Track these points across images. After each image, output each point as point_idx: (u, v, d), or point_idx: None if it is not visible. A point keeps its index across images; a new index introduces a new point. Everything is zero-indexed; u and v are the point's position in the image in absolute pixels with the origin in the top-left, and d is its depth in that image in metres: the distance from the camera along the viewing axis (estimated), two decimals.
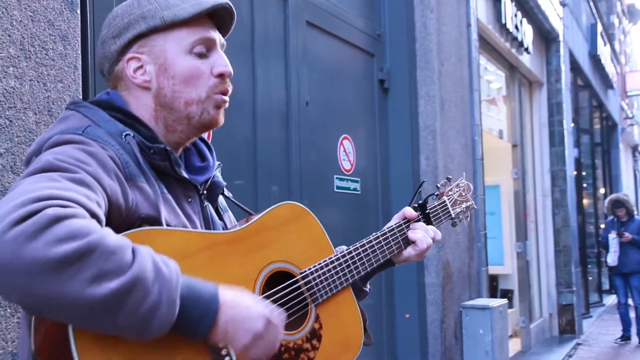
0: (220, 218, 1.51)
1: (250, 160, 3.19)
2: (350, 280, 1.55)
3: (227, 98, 1.41)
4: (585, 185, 12.82)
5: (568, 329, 9.18)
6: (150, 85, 1.36)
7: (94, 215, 1.06)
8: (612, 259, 9.12)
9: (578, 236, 10.31)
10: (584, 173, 12.60)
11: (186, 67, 1.35)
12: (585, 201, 12.77)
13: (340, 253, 1.56)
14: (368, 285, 1.74)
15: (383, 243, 1.66)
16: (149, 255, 1.06)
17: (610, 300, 13.08)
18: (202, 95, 1.36)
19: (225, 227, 1.50)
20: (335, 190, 3.90)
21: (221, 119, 1.41)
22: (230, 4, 1.42)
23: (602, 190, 15.25)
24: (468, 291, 5.10)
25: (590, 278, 12.41)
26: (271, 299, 1.36)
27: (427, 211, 1.79)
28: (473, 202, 1.97)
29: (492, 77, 8.28)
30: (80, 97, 2.00)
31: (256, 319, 1.18)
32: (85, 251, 0.97)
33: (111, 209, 1.16)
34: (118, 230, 1.12)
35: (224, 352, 1.18)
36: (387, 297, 4.43)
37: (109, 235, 1.02)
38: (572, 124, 10.60)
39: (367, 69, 4.40)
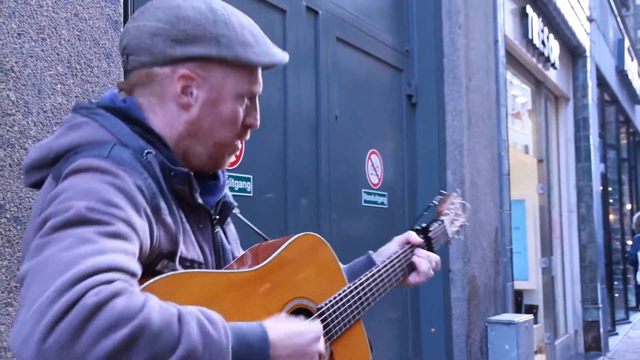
0: (226, 236, 1.47)
1: (280, 173, 3.24)
2: (362, 313, 1.56)
3: (240, 145, 1.39)
4: (611, 200, 12.70)
5: (594, 346, 9.08)
6: (190, 110, 1.28)
7: (133, 274, 1.02)
8: None
9: (604, 252, 10.21)
10: (610, 189, 12.48)
11: (232, 110, 1.30)
12: (611, 217, 12.64)
13: (353, 285, 1.56)
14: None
15: (391, 271, 1.68)
16: (194, 320, 1.01)
17: (637, 317, 12.90)
18: (228, 140, 1.33)
19: (233, 255, 1.46)
20: (363, 204, 3.94)
21: (226, 165, 1.39)
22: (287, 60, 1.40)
23: (628, 206, 15.09)
24: (494, 306, 5.09)
25: (616, 295, 12.26)
26: None
27: (429, 234, 1.81)
28: (466, 219, 1.99)
29: (518, 92, 8.27)
30: None
31: (312, 343, 1.20)
32: (133, 339, 0.92)
33: (140, 250, 1.11)
34: (142, 268, 1.10)
35: None
36: (412, 311, 4.44)
37: (153, 310, 0.97)
38: (599, 139, 10.53)
39: (395, 84, 4.44)
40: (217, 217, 1.40)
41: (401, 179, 4.43)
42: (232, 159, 1.41)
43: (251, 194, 2.99)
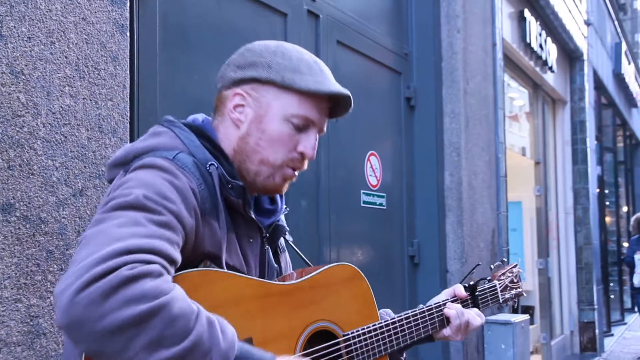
0: (277, 259, 1.55)
1: None
2: (389, 350, 1.58)
3: (296, 174, 1.45)
4: (607, 203, 12.75)
5: (589, 347, 9.13)
6: (241, 126, 1.41)
7: (172, 260, 1.13)
8: (638, 280, 9.08)
9: (600, 254, 10.26)
10: (606, 191, 12.54)
11: (278, 130, 1.39)
12: (607, 219, 12.69)
13: (384, 321, 1.58)
14: (404, 354, 1.77)
15: (427, 318, 1.70)
16: (209, 324, 1.08)
17: (633, 318, 12.95)
18: (277, 161, 1.40)
19: (279, 272, 1.54)
20: (362, 205, 3.97)
21: (284, 189, 1.45)
22: (350, 96, 1.45)
23: (624, 209, 15.15)
24: (490, 307, 5.13)
25: (612, 296, 12.31)
26: (311, 357, 1.39)
27: (476, 293, 1.83)
28: (523, 289, 1.99)
29: (515, 94, 8.31)
30: (128, 114, 2.11)
31: None
32: (149, 315, 1.02)
33: (184, 243, 1.21)
34: (184, 262, 1.19)
35: None
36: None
37: (176, 299, 1.06)
38: (595, 142, 10.58)
39: (394, 86, 4.48)
40: (267, 235, 1.48)
41: (399, 181, 4.47)
42: (287, 187, 1.47)
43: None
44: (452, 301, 1.76)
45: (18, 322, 1.75)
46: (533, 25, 7.11)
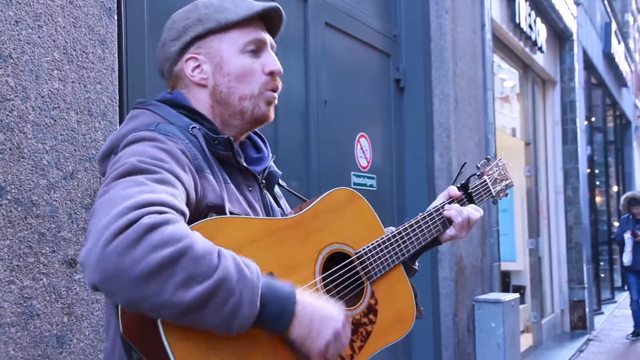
0: (278, 204, 1.61)
1: None
2: (402, 259, 1.65)
3: (276, 95, 1.52)
4: (598, 183, 12.83)
5: (579, 325, 9.24)
6: (207, 82, 1.46)
7: (181, 212, 1.18)
8: (627, 258, 9.17)
9: (590, 233, 10.35)
10: (597, 171, 12.61)
11: (240, 65, 1.46)
12: (598, 199, 12.78)
13: (390, 233, 1.65)
14: (417, 263, 1.83)
15: (430, 222, 1.77)
16: (232, 258, 1.15)
17: (623, 297, 13.09)
18: (254, 91, 1.47)
19: (283, 213, 1.60)
20: (352, 186, 4.00)
21: (272, 115, 1.52)
22: (280, 8, 1.52)
23: (615, 188, 15.24)
24: (480, 286, 5.19)
25: (602, 275, 12.43)
26: (330, 278, 1.47)
27: (469, 191, 1.89)
28: (512, 180, 2.07)
29: (506, 75, 8.34)
30: (117, 97, 2.12)
31: (335, 319, 1.28)
32: (178, 257, 1.07)
33: (187, 199, 1.26)
34: (190, 218, 1.24)
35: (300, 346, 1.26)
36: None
37: (197, 241, 1.11)
38: (585, 122, 10.63)
39: (384, 68, 4.49)
40: (264, 182, 1.54)
41: (389, 162, 4.50)
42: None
43: None
44: (449, 202, 1.83)
45: (12, 303, 1.77)
46: (522, 6, 7.12)
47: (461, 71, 5.01)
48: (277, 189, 1.67)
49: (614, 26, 13.28)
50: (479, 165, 2.03)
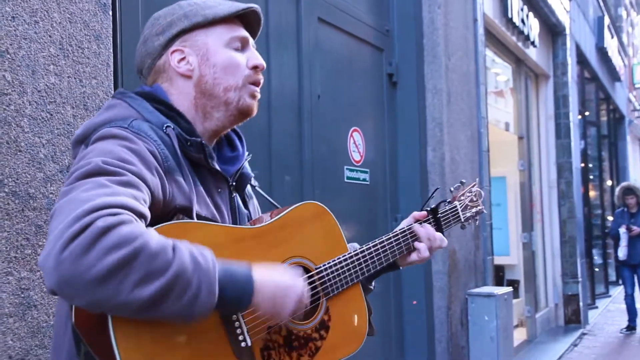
0: (246, 206, 1.63)
1: (264, 151, 3.34)
2: (360, 278, 1.66)
3: (258, 89, 1.55)
4: (591, 177, 12.89)
5: (574, 319, 9.29)
6: (193, 74, 1.49)
7: (140, 214, 1.19)
8: (622, 253, 9.18)
9: (584, 227, 10.40)
10: (590, 165, 12.67)
11: (226, 56, 1.50)
12: (592, 193, 12.85)
13: (353, 252, 1.66)
14: (374, 283, 1.84)
15: (394, 245, 1.76)
16: (187, 250, 1.18)
17: (617, 291, 13.16)
18: (239, 83, 1.50)
19: (249, 217, 1.62)
20: (346, 180, 4.04)
21: (255, 108, 1.55)
22: (260, 11, 1.59)
23: (609, 182, 15.31)
24: (474, 279, 5.24)
25: (596, 269, 12.49)
26: None
27: (438, 215, 1.88)
28: (483, 207, 2.05)
29: (499, 70, 8.38)
30: (112, 92, 2.16)
31: (295, 287, 1.34)
32: (132, 257, 1.10)
33: (152, 201, 1.28)
34: (157, 219, 1.27)
35: (234, 319, 1.33)
36: (395, 284, 4.57)
37: (151, 238, 1.14)
38: (579, 117, 10.68)
39: (376, 63, 4.53)
40: (234, 184, 1.57)
41: (383, 156, 4.54)
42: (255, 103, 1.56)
43: None
44: (418, 223, 1.83)
45: (9, 294, 1.81)
46: (514, 0, 7.16)
47: (454, 66, 5.05)
48: (249, 189, 1.69)
49: (606, 20, 13.34)
50: (452, 190, 2.01)
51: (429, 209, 1.88)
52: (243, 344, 1.33)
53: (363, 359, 4.46)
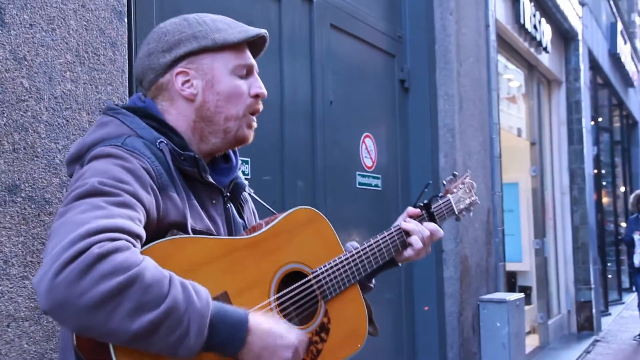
0: (241, 215, 1.64)
1: (277, 156, 3.35)
2: (358, 279, 1.67)
3: (255, 119, 1.56)
4: (604, 183, 12.83)
5: (586, 326, 9.23)
6: (196, 98, 1.48)
7: (136, 235, 1.20)
8: (638, 259, 9.09)
9: (597, 234, 10.35)
10: (603, 171, 12.61)
11: (231, 85, 1.50)
12: (604, 199, 12.78)
13: (349, 253, 1.68)
14: (373, 281, 1.86)
15: (389, 243, 1.79)
16: (181, 286, 1.17)
17: (630, 298, 13.06)
18: (239, 113, 1.51)
19: (245, 225, 1.63)
20: (358, 186, 4.05)
21: (251, 138, 1.56)
22: (267, 35, 1.58)
23: (622, 189, 15.22)
24: (486, 285, 5.22)
25: (609, 276, 12.41)
26: (285, 297, 1.49)
27: (431, 210, 1.91)
28: (476, 197, 2.07)
29: (512, 76, 8.37)
30: (127, 98, 2.18)
31: (289, 345, 1.32)
32: (125, 286, 1.10)
33: (147, 220, 1.29)
34: (151, 236, 1.27)
35: None
36: (406, 290, 4.57)
37: (147, 269, 1.14)
38: (592, 122, 10.64)
39: (388, 69, 4.54)
40: (228, 194, 1.58)
41: (394, 162, 4.54)
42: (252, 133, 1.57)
43: (249, 176, 3.10)
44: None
45: (25, 298, 1.83)
46: (527, 6, 7.16)
47: (465, 72, 5.05)
48: (244, 194, 1.69)
49: (619, 26, 13.29)
50: (445, 182, 2.02)
51: (421, 204, 1.91)
52: None
53: None
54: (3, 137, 1.81)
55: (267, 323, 1.31)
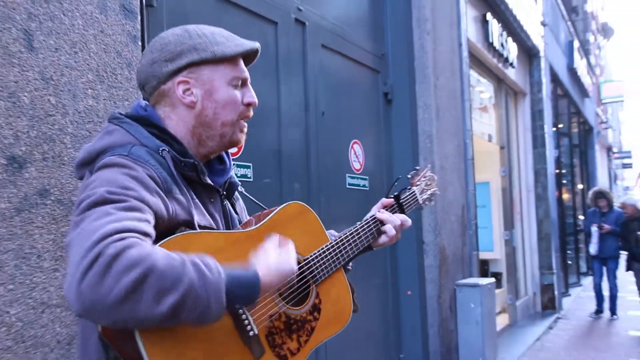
0: (234, 209, 1.62)
1: (275, 162, 3.35)
2: (342, 263, 1.68)
3: (246, 124, 1.53)
4: (565, 181, 12.85)
5: (549, 306, 9.26)
6: (195, 105, 1.44)
7: (145, 233, 1.16)
8: (594, 249, 9.14)
9: (558, 226, 10.37)
10: (563, 171, 12.63)
11: (228, 95, 1.46)
12: (565, 196, 12.80)
13: (334, 241, 1.67)
14: (351, 264, 1.84)
15: (367, 231, 1.78)
16: (193, 265, 1.15)
17: (587, 281, 13.10)
18: (234, 119, 1.47)
19: (239, 220, 1.61)
20: (347, 186, 4.05)
21: (243, 141, 1.53)
22: (260, 48, 1.55)
23: (580, 186, 15.26)
24: (461, 272, 5.23)
25: (569, 262, 12.45)
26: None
27: (400, 201, 1.91)
28: (437, 189, 2.07)
29: (483, 88, 8.38)
30: None
31: (289, 266, 1.35)
32: (143, 277, 1.07)
33: (157, 220, 1.26)
34: (163, 234, 1.25)
35: (240, 313, 1.32)
36: (392, 277, 4.57)
37: (160, 257, 1.11)
38: (553, 129, 10.66)
39: (373, 83, 4.54)
40: (224, 193, 1.56)
41: (380, 165, 4.54)
42: (243, 139, 1.54)
43: (251, 179, 3.10)
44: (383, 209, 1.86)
45: (57, 287, 1.83)
46: (495, 27, 7.17)
47: (442, 85, 5.05)
48: (236, 193, 1.67)
49: (576, 44, 13.32)
50: (409, 176, 2.02)
51: (392, 196, 1.90)
52: (251, 333, 1.33)
53: (367, 341, 4.48)
54: (34, 148, 1.81)
55: (266, 263, 1.31)
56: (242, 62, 1.51)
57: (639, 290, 8.54)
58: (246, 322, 1.33)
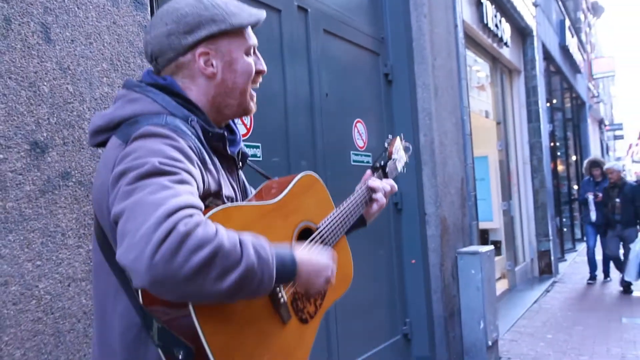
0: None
1: (283, 141, 3.35)
2: (346, 230, 1.68)
3: (254, 93, 1.49)
4: (559, 154, 12.77)
5: (546, 270, 9.27)
6: (216, 76, 1.38)
7: (200, 208, 1.13)
8: (594, 216, 8.97)
9: (554, 195, 10.33)
10: (557, 144, 12.55)
11: (246, 64, 1.42)
12: (559, 167, 12.73)
13: (338, 209, 1.66)
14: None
15: (362, 199, 1.77)
16: (252, 245, 1.14)
17: (582, 247, 13.04)
18: (248, 87, 1.44)
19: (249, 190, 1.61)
20: (352, 163, 4.04)
21: (255, 108, 1.50)
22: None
23: (573, 158, 15.16)
24: (462, 240, 5.23)
25: (565, 229, 12.42)
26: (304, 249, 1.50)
27: (386, 170, 1.92)
28: (407, 158, 2.08)
29: (479, 67, 8.31)
30: None
31: (326, 269, 1.34)
32: (212, 256, 1.05)
33: (198, 190, 1.22)
34: None
35: (277, 290, 1.33)
36: (396, 247, 4.58)
37: (224, 237, 1.09)
38: (547, 104, 10.57)
39: (374, 65, 4.51)
40: (240, 163, 1.53)
41: (382, 142, 4.49)
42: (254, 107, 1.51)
43: (261, 159, 3.10)
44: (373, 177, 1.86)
45: (81, 263, 1.85)
46: (489, 8, 7.08)
47: (439, 65, 5.01)
48: None
49: (567, 23, 13.13)
50: (386, 145, 2.01)
51: (378, 165, 1.91)
52: (282, 301, 1.35)
53: (376, 308, 4.48)
54: (55, 134, 1.81)
55: (307, 254, 1.30)
56: (251, 32, 1.47)
57: (604, 257, 8.47)
58: (277, 289, 1.34)
